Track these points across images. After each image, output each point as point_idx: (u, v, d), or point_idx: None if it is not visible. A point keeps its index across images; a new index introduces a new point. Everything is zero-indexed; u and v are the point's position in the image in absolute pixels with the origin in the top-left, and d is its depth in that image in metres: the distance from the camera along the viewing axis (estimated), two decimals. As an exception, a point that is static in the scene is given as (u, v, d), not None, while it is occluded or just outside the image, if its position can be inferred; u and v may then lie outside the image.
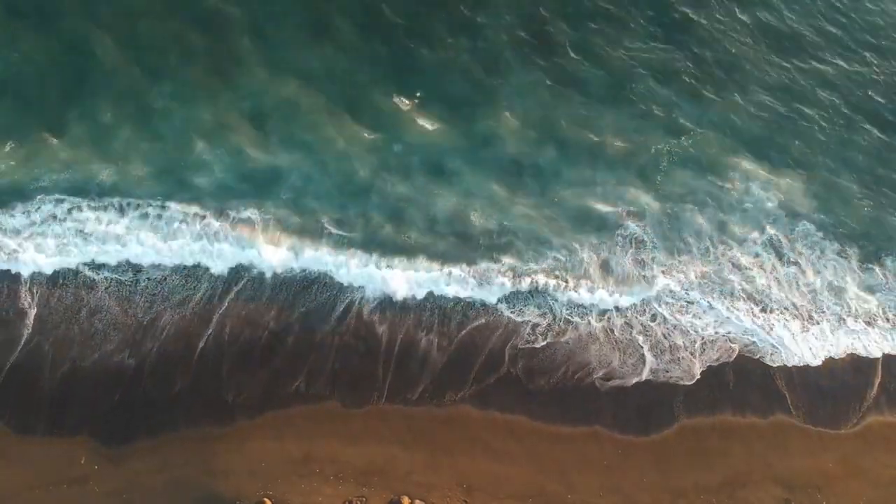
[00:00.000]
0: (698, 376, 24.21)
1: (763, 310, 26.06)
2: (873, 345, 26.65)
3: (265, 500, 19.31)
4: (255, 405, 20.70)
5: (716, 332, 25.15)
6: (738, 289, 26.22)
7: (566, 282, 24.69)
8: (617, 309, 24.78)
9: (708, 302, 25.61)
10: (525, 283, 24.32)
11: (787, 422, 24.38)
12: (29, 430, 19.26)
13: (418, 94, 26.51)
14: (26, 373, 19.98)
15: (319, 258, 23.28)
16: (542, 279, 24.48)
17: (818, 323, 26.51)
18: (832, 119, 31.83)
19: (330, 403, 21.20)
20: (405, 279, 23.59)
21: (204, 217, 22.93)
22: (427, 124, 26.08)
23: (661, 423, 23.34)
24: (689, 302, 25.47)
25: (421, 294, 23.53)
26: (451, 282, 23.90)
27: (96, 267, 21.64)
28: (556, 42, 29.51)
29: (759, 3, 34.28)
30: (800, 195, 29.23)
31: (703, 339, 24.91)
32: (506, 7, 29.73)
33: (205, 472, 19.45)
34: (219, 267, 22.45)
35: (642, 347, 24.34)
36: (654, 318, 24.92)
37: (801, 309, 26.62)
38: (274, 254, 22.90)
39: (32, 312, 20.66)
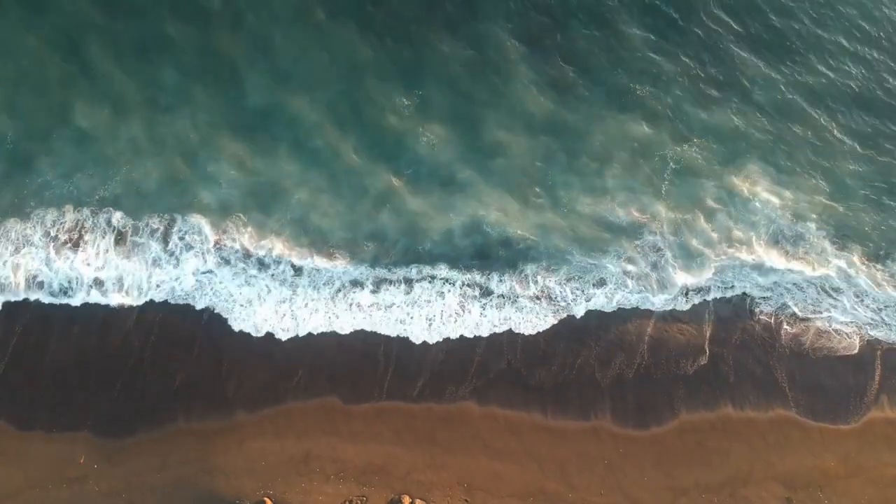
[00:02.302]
0: (707, 352, 24.51)
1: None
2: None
3: (265, 499, 19.29)
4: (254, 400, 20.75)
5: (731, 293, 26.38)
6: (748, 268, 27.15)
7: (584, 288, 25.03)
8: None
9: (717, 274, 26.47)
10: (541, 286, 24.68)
11: (787, 418, 24.38)
12: (29, 427, 19.23)
13: (419, 94, 26.37)
14: (26, 371, 19.94)
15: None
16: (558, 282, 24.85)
17: (834, 297, 27.43)
18: (836, 122, 31.78)
19: (330, 400, 21.24)
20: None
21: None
22: (430, 131, 25.83)
23: (662, 419, 23.35)
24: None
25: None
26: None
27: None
28: (558, 47, 29.34)
29: (764, 9, 34.19)
30: (804, 197, 29.22)
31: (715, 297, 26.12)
32: (507, 12, 29.58)
33: (205, 472, 19.43)
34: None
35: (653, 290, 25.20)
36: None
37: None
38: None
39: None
